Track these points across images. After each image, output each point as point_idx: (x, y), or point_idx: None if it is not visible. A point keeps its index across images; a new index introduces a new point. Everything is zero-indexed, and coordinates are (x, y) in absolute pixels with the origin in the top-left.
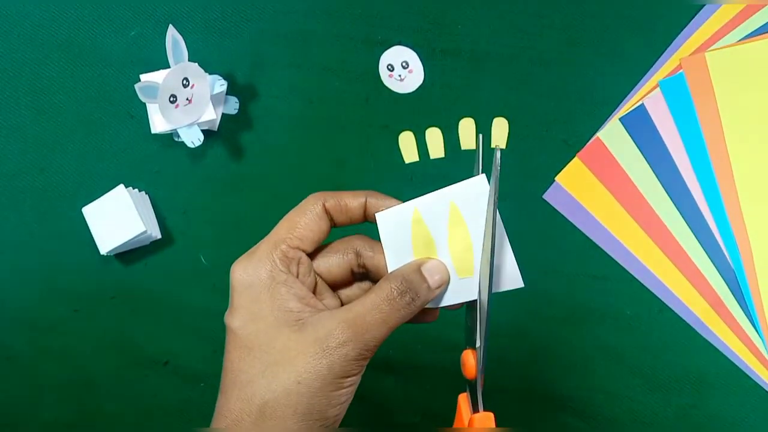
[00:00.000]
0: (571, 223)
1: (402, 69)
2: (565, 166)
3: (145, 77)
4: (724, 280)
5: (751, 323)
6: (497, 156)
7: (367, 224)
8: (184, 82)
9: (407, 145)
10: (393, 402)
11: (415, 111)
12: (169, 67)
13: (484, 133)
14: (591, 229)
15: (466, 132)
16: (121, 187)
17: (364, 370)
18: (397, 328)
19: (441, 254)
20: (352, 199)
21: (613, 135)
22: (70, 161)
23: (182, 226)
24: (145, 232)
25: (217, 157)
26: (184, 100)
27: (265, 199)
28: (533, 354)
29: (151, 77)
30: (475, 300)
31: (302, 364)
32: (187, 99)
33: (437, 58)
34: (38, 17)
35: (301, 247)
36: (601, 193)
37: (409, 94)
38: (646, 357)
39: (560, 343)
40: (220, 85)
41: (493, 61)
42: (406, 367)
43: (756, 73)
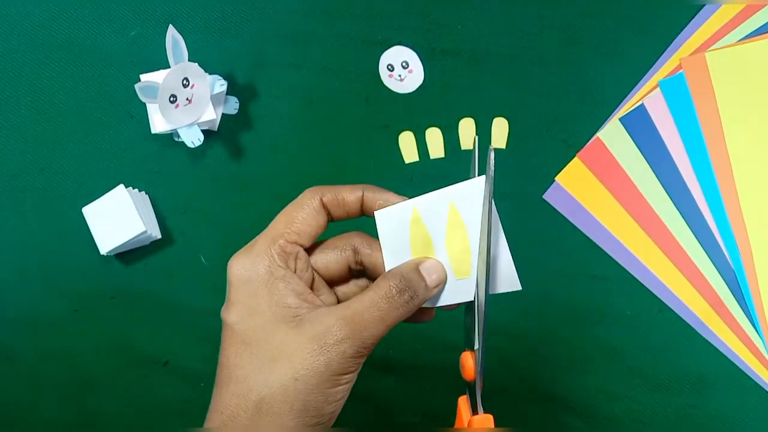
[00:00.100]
0: (571, 223)
1: (402, 69)
2: (565, 166)
3: (145, 77)
4: (724, 280)
5: (751, 323)
6: (491, 157)
7: (364, 219)
8: (184, 82)
9: (407, 145)
10: (393, 402)
11: (415, 111)
12: (169, 67)
13: (484, 133)
14: (591, 229)
15: (466, 132)
16: (121, 187)
17: (361, 368)
18: (395, 328)
19: (439, 254)
20: (350, 193)
21: (613, 135)
22: (70, 161)
23: (182, 226)
24: (145, 232)
25: (217, 157)
26: (184, 100)
27: (265, 199)
28: (533, 354)
29: (151, 77)
30: (473, 301)
31: (300, 361)
32: (187, 99)
33: (437, 58)
34: (38, 17)
35: (299, 242)
36: (601, 193)
37: (409, 94)
38: (646, 357)
39: (560, 343)
40: (220, 85)
41: (493, 61)
42: (406, 367)
43: (756, 73)
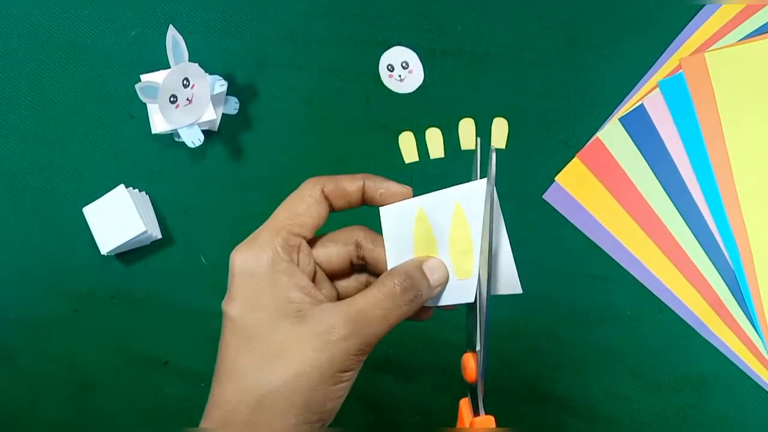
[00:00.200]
0: (571, 223)
1: (402, 69)
2: (565, 166)
3: (145, 77)
4: (724, 280)
5: (751, 323)
6: (492, 157)
7: (365, 210)
8: (185, 82)
9: (407, 145)
10: (393, 402)
11: (415, 111)
12: (169, 67)
13: (484, 133)
14: (591, 229)
15: (466, 132)
16: (122, 187)
17: (362, 365)
18: (395, 328)
19: (441, 254)
20: (350, 183)
21: (613, 135)
22: (70, 161)
23: (182, 226)
24: (146, 232)
25: (217, 157)
26: (184, 100)
27: (265, 199)
28: (533, 354)
29: (151, 77)
30: (474, 303)
31: (302, 358)
32: (188, 99)
33: (437, 58)
34: (38, 17)
35: (302, 233)
36: (601, 193)
37: (409, 94)
38: (646, 357)
39: (560, 343)
40: (220, 86)
41: (493, 62)
42: (406, 367)
43: (756, 73)
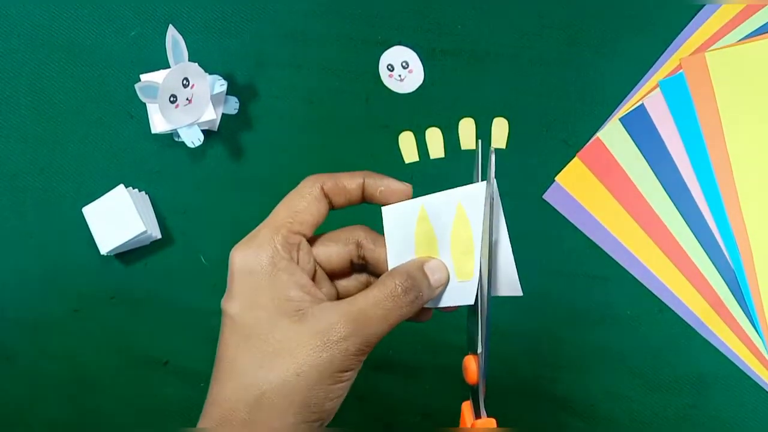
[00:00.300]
0: (571, 223)
1: (402, 69)
2: (565, 166)
3: (145, 77)
4: (724, 280)
5: (751, 323)
6: (492, 158)
7: (364, 213)
8: (184, 82)
9: (407, 145)
10: (393, 402)
11: (415, 111)
12: (169, 67)
13: (484, 134)
14: (591, 229)
15: (466, 132)
16: (121, 187)
17: (361, 365)
18: (395, 328)
19: (442, 254)
20: (350, 180)
21: (613, 135)
22: (70, 161)
23: (182, 226)
24: (145, 232)
25: (217, 157)
26: (184, 100)
27: (265, 199)
28: (533, 354)
29: (151, 77)
30: (476, 305)
31: (302, 357)
32: (187, 99)
33: (437, 58)
34: (38, 17)
35: (302, 231)
36: (601, 193)
37: (409, 94)
38: (646, 357)
39: (560, 343)
40: (220, 85)
41: (493, 61)
42: (406, 367)
43: (756, 73)
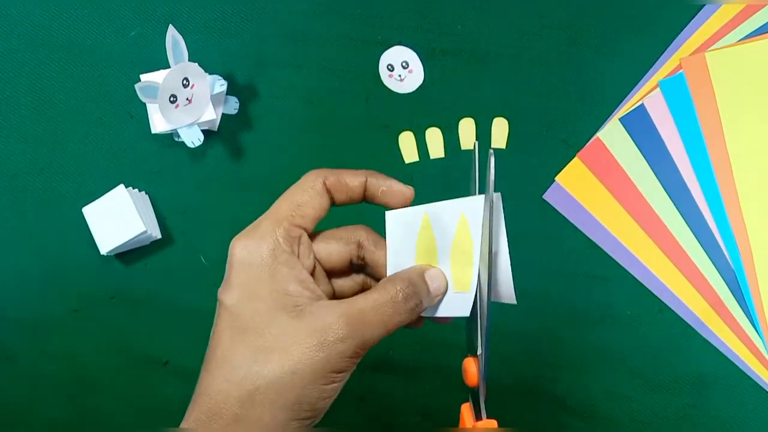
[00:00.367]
0: (571, 223)
1: (402, 69)
2: (565, 166)
3: (145, 77)
4: (724, 280)
5: (751, 323)
6: (491, 161)
7: (364, 211)
8: (184, 82)
9: (407, 145)
10: (393, 402)
11: (415, 111)
12: (169, 67)
13: (484, 134)
14: (591, 229)
15: (466, 132)
16: (121, 187)
17: (355, 367)
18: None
19: (442, 264)
20: (353, 178)
21: (613, 135)
22: (70, 161)
23: (182, 226)
24: (145, 232)
25: (217, 157)
26: (184, 100)
27: (265, 199)
28: (533, 354)
29: (151, 77)
30: (474, 307)
31: (297, 354)
32: (187, 99)
33: (437, 58)
34: (38, 17)
35: (303, 225)
36: (601, 193)
37: (409, 94)
38: (646, 357)
39: (560, 343)
40: (220, 85)
41: (493, 61)
42: (406, 367)
43: (756, 73)
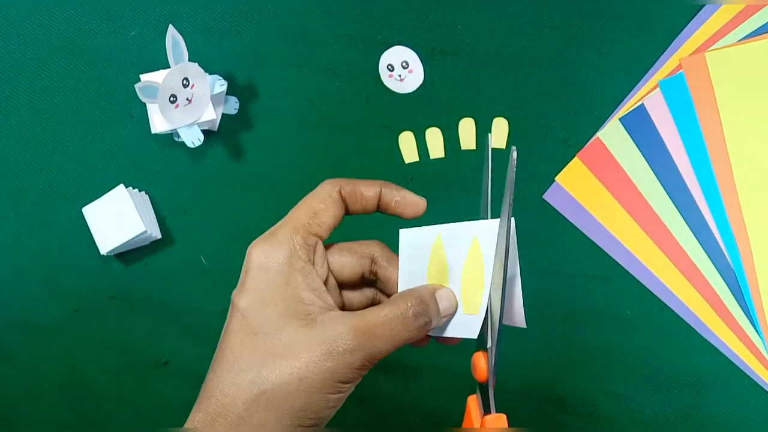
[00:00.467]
0: (571, 223)
1: (402, 69)
2: (565, 166)
3: (145, 77)
4: (724, 280)
5: (751, 323)
6: (513, 156)
7: (376, 223)
8: (184, 82)
9: (407, 145)
10: (393, 402)
11: (415, 111)
12: (169, 67)
13: (484, 134)
14: (591, 229)
15: (466, 132)
16: (121, 187)
17: (361, 378)
18: None
19: (452, 285)
20: (368, 188)
21: (613, 135)
22: (70, 161)
23: (182, 226)
24: (145, 232)
25: (217, 157)
26: (184, 100)
27: (265, 199)
28: (533, 354)
29: (151, 77)
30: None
31: (306, 362)
32: (187, 99)
33: (437, 58)
34: (38, 17)
35: (319, 233)
36: (601, 193)
37: (409, 94)
38: (646, 357)
39: (560, 343)
40: (220, 85)
41: (493, 61)
42: (407, 368)
43: (756, 73)
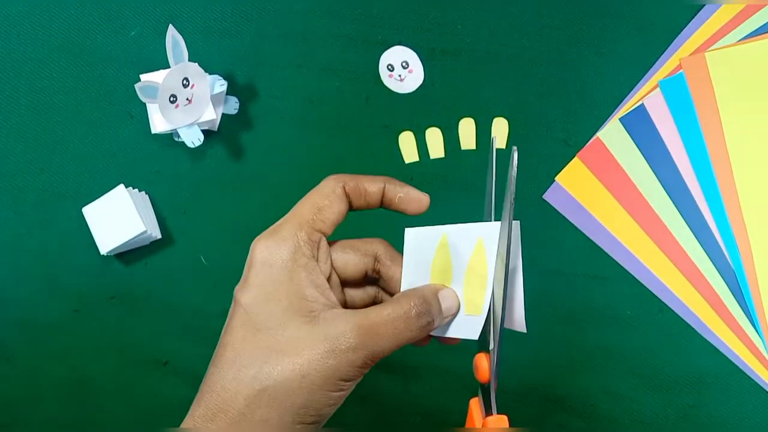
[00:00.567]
0: (571, 223)
1: (402, 69)
2: (565, 166)
3: (145, 77)
4: (724, 280)
5: (751, 323)
6: (514, 156)
7: (379, 221)
8: (184, 82)
9: (407, 145)
10: (393, 402)
11: (415, 111)
12: (169, 67)
13: (484, 134)
14: (591, 229)
15: (466, 132)
16: (121, 187)
17: (363, 376)
18: None
19: (455, 285)
20: (371, 184)
21: (613, 135)
22: (70, 161)
23: (182, 226)
24: (145, 232)
25: (217, 157)
26: (184, 100)
27: (265, 199)
28: (533, 354)
29: (151, 77)
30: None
31: (308, 359)
32: (187, 99)
33: (437, 58)
34: (38, 17)
35: (323, 229)
36: (601, 193)
37: (409, 94)
38: (646, 357)
39: (560, 343)
40: (220, 85)
41: (493, 61)
42: (407, 367)
43: (756, 73)
